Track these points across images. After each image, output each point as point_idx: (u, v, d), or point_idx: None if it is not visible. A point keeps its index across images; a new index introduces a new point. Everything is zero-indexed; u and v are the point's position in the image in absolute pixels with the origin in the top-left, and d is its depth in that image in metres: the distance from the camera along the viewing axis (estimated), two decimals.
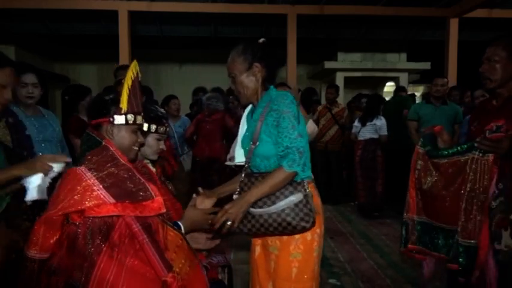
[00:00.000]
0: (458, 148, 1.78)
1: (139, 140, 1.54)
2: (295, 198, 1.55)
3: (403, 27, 7.58)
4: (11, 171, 1.51)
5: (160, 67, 9.13)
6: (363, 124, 5.16)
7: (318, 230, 1.64)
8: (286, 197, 1.55)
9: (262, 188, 1.54)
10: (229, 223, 1.52)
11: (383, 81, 9.94)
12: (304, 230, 1.56)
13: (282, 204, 1.55)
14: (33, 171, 1.46)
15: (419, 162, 1.95)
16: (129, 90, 1.44)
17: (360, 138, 5.20)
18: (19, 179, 1.49)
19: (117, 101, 1.45)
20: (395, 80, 9.64)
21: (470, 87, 5.24)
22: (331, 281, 3.14)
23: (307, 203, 1.55)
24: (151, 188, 1.37)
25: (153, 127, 1.74)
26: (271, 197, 1.55)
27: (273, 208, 1.55)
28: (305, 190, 1.56)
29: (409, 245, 1.98)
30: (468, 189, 1.71)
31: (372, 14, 6.07)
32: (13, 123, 2.27)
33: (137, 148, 1.56)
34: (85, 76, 10.18)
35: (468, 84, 5.30)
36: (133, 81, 1.46)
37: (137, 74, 1.49)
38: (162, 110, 1.90)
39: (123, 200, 1.29)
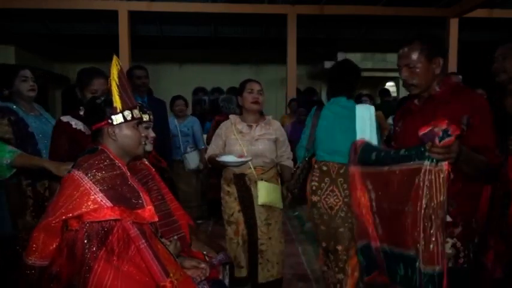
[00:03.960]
0: (402, 152, 1.48)
1: (143, 134, 1.52)
2: None
3: (403, 27, 7.57)
4: (43, 163, 1.92)
5: (160, 67, 9.10)
6: None
7: None
8: None
9: None
10: None
11: (383, 81, 9.93)
12: None
13: None
14: (59, 173, 1.76)
15: (368, 182, 1.64)
16: (119, 87, 1.41)
17: None
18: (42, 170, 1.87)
19: (110, 102, 1.42)
20: (395, 80, 9.64)
21: (469, 87, 5.22)
22: None
23: None
24: (144, 197, 1.37)
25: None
26: None
27: None
28: None
29: (383, 277, 1.67)
30: (424, 206, 1.40)
31: (372, 14, 6.07)
32: (15, 121, 2.38)
33: (144, 143, 1.54)
34: None
35: (468, 84, 5.29)
36: (119, 77, 1.42)
37: (121, 68, 1.45)
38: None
39: (120, 204, 1.28)
